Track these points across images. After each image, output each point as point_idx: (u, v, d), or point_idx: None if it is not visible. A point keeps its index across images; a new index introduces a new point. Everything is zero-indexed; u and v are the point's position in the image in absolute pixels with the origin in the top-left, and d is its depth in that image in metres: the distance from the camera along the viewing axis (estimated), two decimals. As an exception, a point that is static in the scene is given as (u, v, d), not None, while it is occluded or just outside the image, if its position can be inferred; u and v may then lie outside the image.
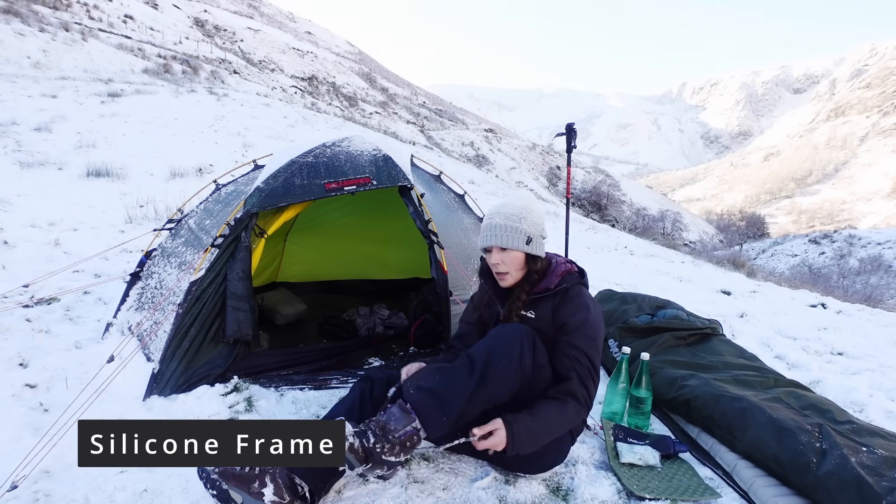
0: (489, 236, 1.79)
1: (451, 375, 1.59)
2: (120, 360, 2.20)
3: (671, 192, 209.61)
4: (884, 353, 3.86)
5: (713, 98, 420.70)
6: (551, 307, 1.78)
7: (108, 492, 1.59)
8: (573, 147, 4.08)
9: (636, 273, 6.75)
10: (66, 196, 6.39)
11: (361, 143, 2.90)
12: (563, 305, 1.76)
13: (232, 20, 57.46)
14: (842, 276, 21.59)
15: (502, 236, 1.76)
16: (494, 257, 1.79)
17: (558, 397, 1.68)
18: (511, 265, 1.79)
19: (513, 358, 1.61)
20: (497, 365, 1.59)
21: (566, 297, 1.78)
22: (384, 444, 1.46)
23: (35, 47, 20.56)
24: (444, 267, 2.62)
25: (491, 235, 1.78)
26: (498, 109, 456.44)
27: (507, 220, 1.77)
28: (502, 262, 1.78)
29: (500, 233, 1.76)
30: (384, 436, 1.47)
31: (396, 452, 1.47)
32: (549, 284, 1.80)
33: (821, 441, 1.81)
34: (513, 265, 1.79)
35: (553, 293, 1.79)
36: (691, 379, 2.31)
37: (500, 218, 1.78)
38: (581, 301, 1.77)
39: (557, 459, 1.82)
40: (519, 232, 1.76)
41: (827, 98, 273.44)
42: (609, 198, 36.97)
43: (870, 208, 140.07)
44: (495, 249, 1.79)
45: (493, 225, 1.78)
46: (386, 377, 1.76)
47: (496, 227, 1.77)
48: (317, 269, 4.39)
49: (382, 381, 1.74)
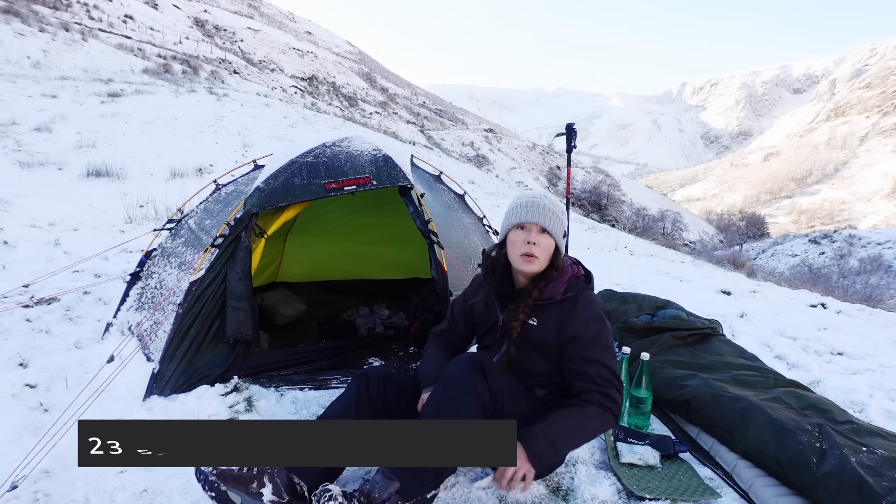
0: (534, 213, 1.69)
1: None
2: (120, 360, 2.20)
3: (671, 192, 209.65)
4: (884, 353, 3.86)
5: (713, 98, 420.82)
6: (555, 316, 1.70)
7: (108, 492, 1.59)
8: (573, 147, 4.08)
9: (636, 273, 6.75)
10: (66, 196, 6.39)
11: (361, 144, 2.90)
12: (572, 317, 1.69)
13: (232, 20, 57.48)
14: (842, 276, 21.59)
15: (549, 218, 1.70)
16: (533, 236, 1.68)
17: (577, 404, 1.64)
18: (544, 251, 1.69)
19: (468, 402, 1.53)
20: (450, 414, 1.52)
21: (575, 306, 1.70)
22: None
23: (35, 47, 20.57)
24: (444, 267, 2.62)
25: (536, 212, 1.69)
26: (498, 109, 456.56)
27: (553, 206, 1.73)
28: (538, 245, 1.68)
29: (548, 214, 1.70)
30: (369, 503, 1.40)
31: None
32: (554, 293, 1.71)
33: (821, 441, 1.81)
34: (545, 252, 1.70)
35: (558, 302, 1.71)
36: (691, 379, 2.31)
37: (548, 201, 1.73)
38: (592, 310, 1.70)
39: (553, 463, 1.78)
40: (560, 223, 1.73)
41: (827, 98, 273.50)
42: (609, 198, 36.96)
43: (870, 208, 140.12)
44: (534, 228, 1.69)
45: (539, 204, 1.71)
46: (381, 375, 1.74)
47: (542, 206, 1.70)
48: (317, 269, 4.39)
49: (378, 378, 1.72)
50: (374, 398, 1.69)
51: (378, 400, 1.70)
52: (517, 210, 1.73)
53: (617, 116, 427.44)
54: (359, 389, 1.70)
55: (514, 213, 1.73)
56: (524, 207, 1.72)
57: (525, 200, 1.74)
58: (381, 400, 1.70)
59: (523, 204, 1.73)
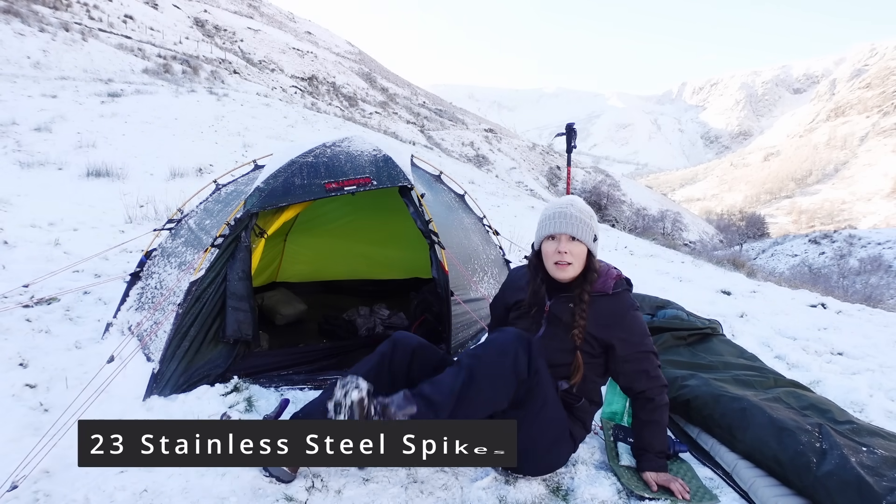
0: (562, 223, 1.78)
1: (439, 383, 1.60)
2: (120, 360, 2.20)
3: (671, 192, 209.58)
4: (884, 353, 3.85)
5: (713, 98, 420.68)
6: (604, 309, 1.80)
7: (108, 492, 1.59)
8: (573, 147, 4.09)
9: (636, 273, 6.73)
10: (66, 196, 6.39)
11: (361, 144, 2.90)
12: (621, 316, 1.80)
13: (232, 20, 57.46)
14: (842, 276, 21.59)
15: (576, 226, 1.77)
16: (563, 245, 1.77)
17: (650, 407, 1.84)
18: (576, 257, 1.78)
19: (504, 363, 1.60)
20: (485, 368, 1.59)
21: (620, 304, 1.81)
22: None
23: (35, 47, 20.56)
24: (444, 267, 2.62)
25: (564, 223, 1.78)
26: (498, 109, 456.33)
27: (581, 213, 1.79)
28: (569, 253, 1.77)
29: (575, 223, 1.77)
30: (384, 415, 1.49)
31: None
32: (605, 288, 1.81)
33: (821, 441, 1.81)
34: (577, 258, 1.78)
35: (609, 295, 1.81)
36: (691, 379, 2.31)
37: (574, 209, 1.79)
38: (633, 313, 1.82)
39: (555, 464, 1.82)
40: (590, 228, 1.80)
41: (827, 98, 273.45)
42: (609, 198, 36.95)
43: (870, 208, 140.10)
44: (564, 238, 1.78)
45: (568, 214, 1.78)
46: (411, 347, 1.79)
47: (570, 216, 1.78)
48: (317, 269, 4.39)
49: (406, 349, 1.79)
50: (395, 367, 1.76)
51: (401, 370, 1.76)
52: (546, 222, 1.82)
53: (617, 116, 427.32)
54: (382, 355, 1.78)
55: (544, 225, 1.82)
56: (552, 219, 1.80)
57: (553, 212, 1.82)
58: (404, 370, 1.77)
59: (551, 215, 1.81)
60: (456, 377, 1.59)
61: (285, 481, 1.65)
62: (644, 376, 1.82)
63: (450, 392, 1.56)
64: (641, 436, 1.87)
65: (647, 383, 1.82)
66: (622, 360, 1.80)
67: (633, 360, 1.80)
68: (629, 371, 1.82)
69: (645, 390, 1.83)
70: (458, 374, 1.59)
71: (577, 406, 1.83)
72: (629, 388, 1.88)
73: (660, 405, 1.84)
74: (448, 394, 1.56)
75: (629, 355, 1.80)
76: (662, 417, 1.85)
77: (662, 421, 1.85)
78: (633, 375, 1.82)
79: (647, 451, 1.84)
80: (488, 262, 3.14)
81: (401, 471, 1.80)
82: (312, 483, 1.68)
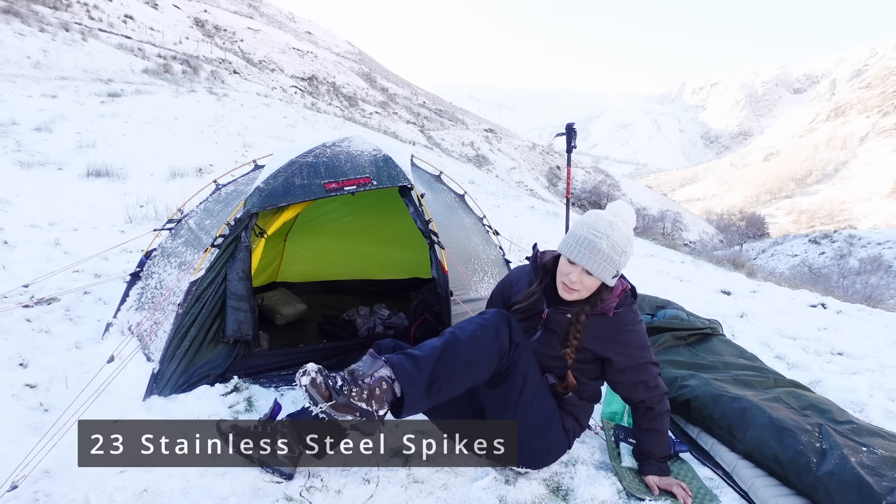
0: (585, 255, 1.61)
1: (421, 344, 1.63)
2: (120, 360, 2.20)
3: (671, 192, 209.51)
4: (884, 353, 3.86)
5: (713, 98, 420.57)
6: (603, 326, 1.74)
7: (108, 492, 1.59)
8: (573, 147, 4.08)
9: (636, 273, 6.75)
10: (66, 196, 6.39)
11: (361, 144, 2.90)
12: (621, 333, 1.74)
13: (232, 20, 57.46)
14: (842, 276, 21.61)
15: (599, 263, 1.61)
16: (575, 275, 1.64)
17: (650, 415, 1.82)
18: (587, 288, 1.67)
19: (486, 333, 1.62)
20: (467, 333, 1.61)
21: (619, 322, 1.74)
22: (352, 387, 1.46)
23: (35, 47, 20.57)
24: (444, 267, 2.62)
25: (587, 256, 1.61)
26: (498, 109, 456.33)
27: (611, 249, 1.61)
28: (581, 283, 1.65)
29: (599, 260, 1.60)
30: (353, 380, 1.48)
31: (367, 399, 1.45)
32: (607, 309, 1.72)
33: (821, 441, 1.81)
34: (588, 288, 1.67)
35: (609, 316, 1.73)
36: (691, 379, 2.31)
37: (607, 244, 1.60)
38: (633, 328, 1.75)
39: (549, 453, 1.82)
40: (614, 265, 1.62)
41: (827, 98, 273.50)
42: (609, 198, 36.98)
43: (870, 208, 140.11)
44: (580, 268, 1.63)
45: (596, 249, 1.60)
46: (392, 345, 1.80)
47: (598, 251, 1.60)
48: (317, 269, 4.39)
49: (388, 347, 1.79)
50: None
51: None
52: (572, 243, 1.64)
53: (617, 116, 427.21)
54: None
55: (569, 246, 1.65)
56: (578, 244, 1.63)
57: (584, 235, 1.63)
58: None
59: (580, 239, 1.63)
60: (439, 339, 1.62)
61: (286, 475, 1.65)
62: (642, 387, 1.78)
63: (431, 347, 1.58)
64: (643, 442, 1.86)
65: (645, 393, 1.79)
66: (619, 371, 1.77)
67: (630, 372, 1.77)
68: (627, 382, 1.79)
69: (644, 400, 1.80)
70: (441, 337, 1.63)
71: (565, 398, 1.81)
72: (628, 398, 1.85)
73: (659, 413, 1.81)
74: (429, 348, 1.57)
75: (626, 368, 1.76)
76: (663, 425, 1.83)
77: (663, 428, 1.83)
78: (631, 386, 1.79)
79: (649, 457, 1.83)
80: (488, 263, 3.14)
81: (401, 471, 1.80)
82: (312, 483, 1.68)
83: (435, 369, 1.54)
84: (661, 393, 1.82)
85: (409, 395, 1.51)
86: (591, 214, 1.68)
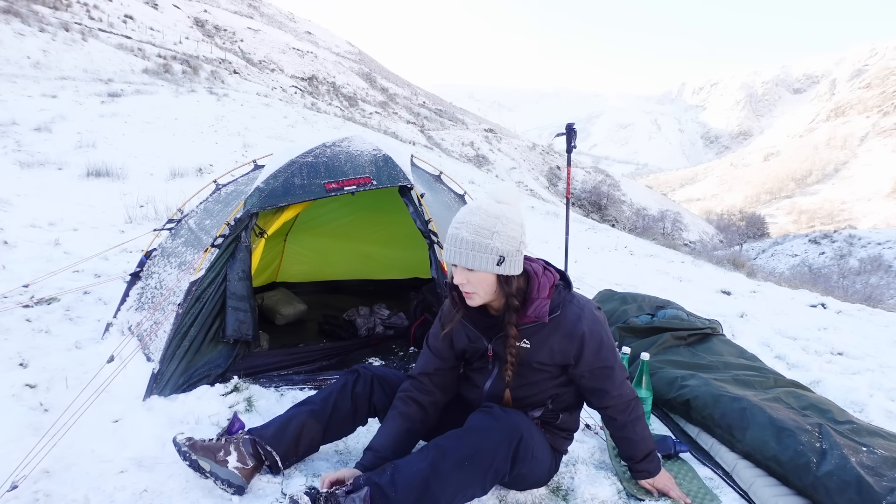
0: (453, 252, 1.48)
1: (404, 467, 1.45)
2: (120, 360, 2.20)
3: (671, 192, 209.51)
4: (884, 353, 3.86)
5: (713, 98, 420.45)
6: (548, 337, 1.56)
7: (108, 492, 1.59)
8: (573, 147, 4.08)
9: (636, 273, 6.75)
10: (66, 196, 6.39)
11: (361, 143, 2.90)
12: (566, 337, 1.55)
13: (232, 20, 57.45)
14: (842, 276, 21.61)
15: (468, 255, 1.45)
16: (458, 276, 1.50)
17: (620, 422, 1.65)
18: (478, 286, 1.50)
19: (484, 455, 1.46)
20: (458, 456, 1.44)
21: (565, 323, 1.55)
22: None
23: (35, 47, 20.58)
24: (444, 267, 2.62)
25: (455, 251, 1.47)
26: (498, 109, 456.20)
27: (475, 234, 1.45)
28: (468, 282, 1.49)
29: (466, 250, 1.45)
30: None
31: None
32: (541, 315, 1.53)
33: (821, 441, 1.81)
34: (480, 286, 1.50)
35: (548, 322, 1.55)
36: (691, 379, 2.31)
37: (468, 231, 1.45)
38: (583, 327, 1.54)
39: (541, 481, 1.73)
40: (489, 250, 1.45)
41: (827, 98, 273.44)
42: (609, 198, 36.99)
43: (870, 208, 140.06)
44: (459, 267, 1.50)
45: (459, 239, 1.46)
46: (372, 375, 1.79)
47: (462, 241, 1.46)
48: (317, 269, 4.39)
49: (367, 378, 1.78)
50: (358, 396, 1.76)
51: (363, 398, 1.77)
52: (445, 248, 1.52)
53: (617, 116, 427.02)
54: (345, 384, 1.78)
55: (444, 252, 1.53)
56: (447, 245, 1.50)
57: (450, 234, 1.49)
58: (366, 399, 1.77)
59: (448, 239, 1.50)
60: (424, 460, 1.44)
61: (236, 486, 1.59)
62: (604, 393, 1.61)
63: (410, 477, 1.41)
64: (620, 448, 1.75)
65: (607, 401, 1.62)
66: (578, 376, 1.62)
67: (589, 377, 1.60)
68: (587, 387, 1.63)
69: (607, 407, 1.64)
70: (425, 458, 1.45)
71: (556, 423, 1.71)
72: (591, 404, 1.71)
73: (626, 422, 1.64)
74: (409, 479, 1.40)
75: (585, 372, 1.59)
76: (634, 432, 1.67)
77: (634, 436, 1.67)
78: (591, 392, 1.64)
79: (632, 461, 1.75)
80: (488, 262, 3.15)
81: None
82: (312, 482, 1.68)
83: None
84: (627, 400, 1.64)
85: None
86: (456, 215, 1.53)
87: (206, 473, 1.58)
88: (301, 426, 1.69)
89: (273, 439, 1.66)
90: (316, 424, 1.71)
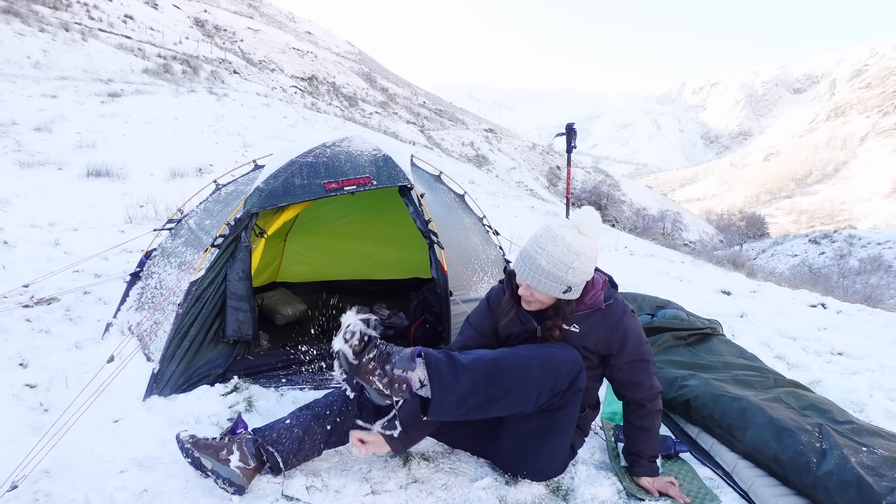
0: (526, 272, 1.58)
1: (472, 351, 1.60)
2: (120, 360, 2.20)
3: (671, 192, 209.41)
4: (884, 353, 3.86)
5: (713, 98, 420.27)
6: (598, 324, 1.68)
7: (108, 492, 1.59)
8: (573, 147, 4.08)
9: (636, 273, 6.75)
10: (66, 196, 6.39)
11: (361, 143, 2.90)
12: (615, 329, 1.68)
13: (232, 20, 57.44)
14: (842, 276, 21.62)
15: (539, 280, 1.56)
16: (523, 289, 1.63)
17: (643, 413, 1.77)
18: (540, 299, 1.64)
19: (547, 364, 1.55)
20: (524, 357, 1.56)
21: (612, 315, 1.69)
22: (377, 367, 1.46)
23: (35, 47, 20.57)
24: (444, 267, 2.62)
25: (528, 273, 1.57)
26: (498, 109, 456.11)
27: (552, 265, 1.54)
28: (531, 296, 1.63)
29: (539, 276, 1.56)
30: (381, 362, 1.47)
31: (383, 385, 1.46)
32: (597, 302, 1.67)
33: (821, 441, 1.81)
34: (541, 299, 1.64)
35: (601, 310, 1.68)
36: (691, 379, 2.31)
37: (546, 260, 1.54)
38: (627, 322, 1.69)
39: (555, 473, 1.79)
40: (560, 282, 1.56)
41: (827, 98, 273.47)
42: (609, 198, 36.98)
43: (870, 208, 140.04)
44: (525, 285, 1.62)
45: (536, 265, 1.55)
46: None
47: (537, 268, 1.55)
48: (317, 270, 4.39)
49: None
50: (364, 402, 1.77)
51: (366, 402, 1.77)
52: (519, 259, 1.62)
53: (617, 116, 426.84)
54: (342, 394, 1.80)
55: (517, 261, 1.63)
56: (522, 259, 1.60)
57: (526, 255, 1.59)
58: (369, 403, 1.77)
59: (523, 256, 1.60)
60: (491, 351, 1.59)
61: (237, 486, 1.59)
62: (638, 385, 1.74)
63: (477, 358, 1.53)
64: (632, 440, 1.82)
65: (640, 392, 1.75)
66: (616, 368, 1.73)
67: (627, 369, 1.73)
68: (623, 379, 1.75)
69: (639, 398, 1.77)
70: (492, 352, 1.59)
71: (581, 415, 1.82)
72: (622, 395, 1.81)
73: (652, 411, 1.77)
74: (475, 359, 1.53)
75: (623, 364, 1.72)
76: (654, 424, 1.79)
77: (654, 427, 1.79)
78: (628, 383, 1.76)
79: (639, 457, 1.80)
80: (488, 263, 3.14)
81: (401, 470, 1.80)
82: (312, 482, 1.68)
83: (473, 386, 1.48)
84: (656, 392, 1.78)
85: (437, 401, 1.48)
86: (542, 227, 1.62)
87: (208, 472, 1.59)
88: (305, 429, 1.70)
89: (276, 441, 1.67)
90: (319, 428, 1.72)
